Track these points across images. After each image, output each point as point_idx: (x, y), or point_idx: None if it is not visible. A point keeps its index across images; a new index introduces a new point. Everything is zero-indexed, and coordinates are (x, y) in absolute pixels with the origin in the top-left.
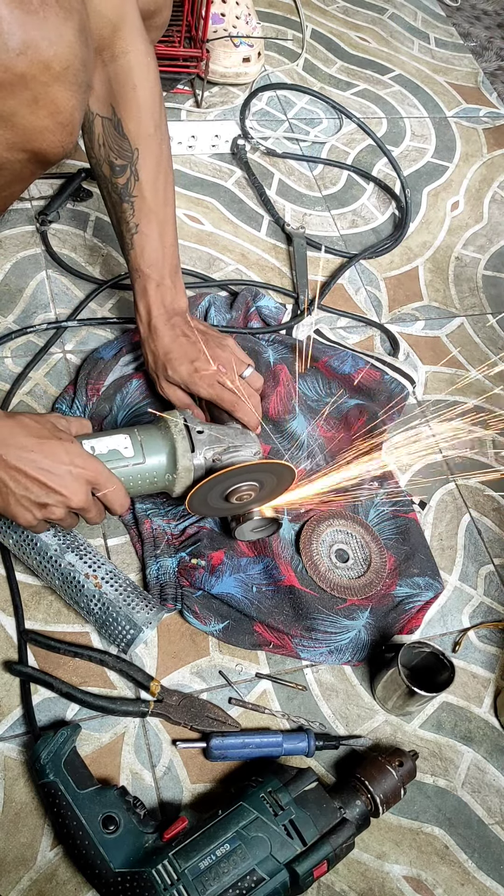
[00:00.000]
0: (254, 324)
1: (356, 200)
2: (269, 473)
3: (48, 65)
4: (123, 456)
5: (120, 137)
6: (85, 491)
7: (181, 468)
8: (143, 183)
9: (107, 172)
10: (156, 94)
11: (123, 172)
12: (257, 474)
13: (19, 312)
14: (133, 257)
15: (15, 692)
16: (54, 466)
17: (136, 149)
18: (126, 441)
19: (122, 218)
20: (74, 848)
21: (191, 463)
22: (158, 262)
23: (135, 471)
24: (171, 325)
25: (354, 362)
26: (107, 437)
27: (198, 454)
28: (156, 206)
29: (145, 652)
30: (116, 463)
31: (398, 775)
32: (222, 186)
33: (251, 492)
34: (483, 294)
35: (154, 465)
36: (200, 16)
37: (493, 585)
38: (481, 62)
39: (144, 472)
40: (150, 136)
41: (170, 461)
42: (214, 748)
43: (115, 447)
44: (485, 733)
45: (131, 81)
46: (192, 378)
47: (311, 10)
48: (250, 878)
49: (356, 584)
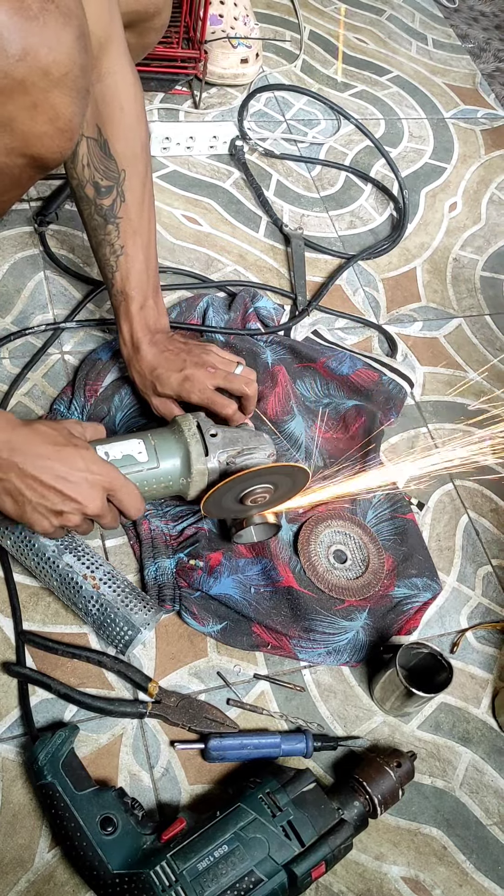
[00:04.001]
0: (252, 325)
1: (354, 201)
2: (284, 475)
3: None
4: (138, 461)
5: (107, 158)
6: (101, 497)
7: (195, 472)
8: (130, 204)
9: (90, 194)
10: (141, 115)
11: (109, 194)
12: (272, 476)
13: (17, 313)
14: (118, 280)
15: (13, 693)
16: (70, 474)
17: (123, 170)
18: (140, 446)
19: (105, 240)
20: (72, 849)
21: (205, 467)
22: (143, 283)
23: (149, 475)
24: (154, 342)
25: (353, 363)
26: (121, 443)
27: (212, 457)
28: (141, 228)
29: (143, 653)
30: (131, 468)
31: (396, 776)
32: (220, 187)
33: (266, 494)
34: (481, 295)
35: (168, 469)
36: (198, 17)
37: (491, 586)
38: (479, 63)
39: (159, 477)
40: (136, 157)
41: (184, 465)
42: (212, 749)
43: (130, 452)
44: (483, 734)
45: (118, 102)
46: (183, 386)
47: (308, 11)
48: (248, 879)
49: (354, 584)
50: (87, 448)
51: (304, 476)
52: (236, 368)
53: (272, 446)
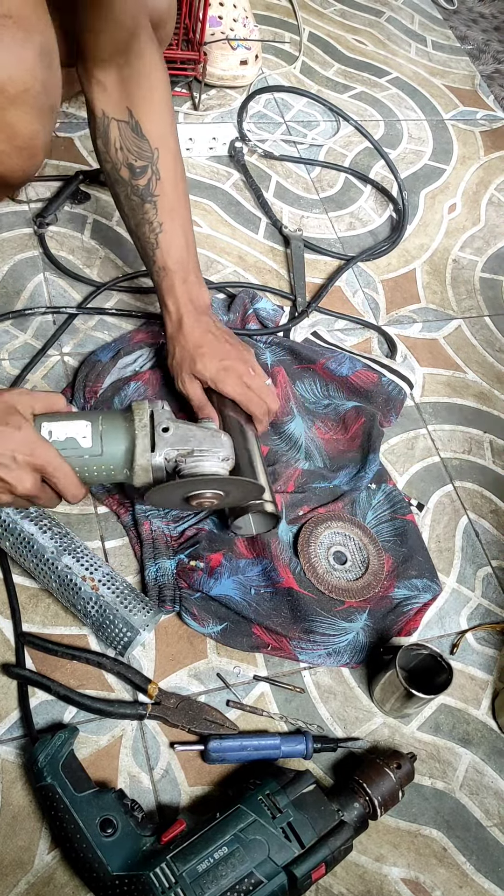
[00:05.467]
0: (251, 326)
1: (354, 203)
2: (233, 485)
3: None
4: (80, 445)
5: (139, 139)
6: (31, 479)
7: (138, 467)
8: (165, 182)
9: (126, 175)
10: (169, 96)
11: (144, 173)
12: (221, 485)
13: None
14: (159, 256)
15: (12, 695)
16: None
17: (156, 149)
18: (87, 429)
19: (144, 219)
20: (72, 851)
21: (148, 463)
22: (183, 258)
23: (90, 461)
24: (200, 321)
25: (352, 364)
26: (67, 422)
27: (157, 454)
28: (177, 204)
29: (143, 654)
30: (72, 452)
31: (396, 777)
32: (220, 189)
33: (214, 499)
34: (480, 296)
35: (111, 458)
36: (198, 18)
37: (491, 587)
38: (478, 65)
39: (101, 464)
40: (167, 135)
41: (127, 457)
42: (212, 751)
43: (74, 434)
44: (483, 735)
45: (148, 83)
46: (220, 375)
47: (308, 12)
48: (248, 881)
49: (354, 586)
50: (20, 428)
51: (255, 489)
52: (266, 381)
53: (229, 450)
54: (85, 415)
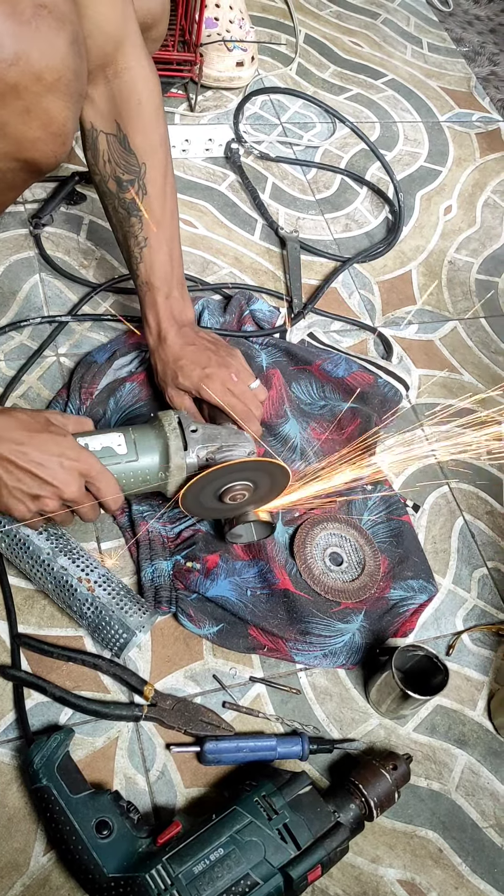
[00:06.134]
0: (247, 327)
1: (350, 204)
2: (264, 473)
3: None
4: (116, 453)
5: (127, 153)
6: (77, 483)
7: (173, 466)
8: (151, 197)
9: (113, 188)
10: (159, 109)
11: (131, 187)
12: (251, 473)
13: (12, 316)
14: (142, 271)
15: (8, 696)
16: (46, 458)
17: (143, 163)
18: (120, 439)
19: (129, 232)
20: (68, 853)
21: (183, 461)
22: (167, 274)
23: (128, 468)
24: (181, 334)
25: (348, 366)
26: (101, 435)
27: (190, 452)
28: (163, 219)
29: (139, 656)
30: (109, 460)
31: (392, 779)
32: (216, 190)
33: (245, 492)
34: (476, 298)
35: (147, 462)
36: (194, 20)
37: (487, 588)
38: (474, 67)
39: (137, 470)
40: (156, 151)
41: (162, 459)
42: (208, 752)
43: (109, 444)
44: (479, 736)
45: (136, 97)
46: (203, 382)
47: (304, 14)
48: (244, 883)
49: (350, 587)
50: (64, 435)
51: (283, 474)
52: (253, 383)
53: (252, 445)
54: (115, 428)
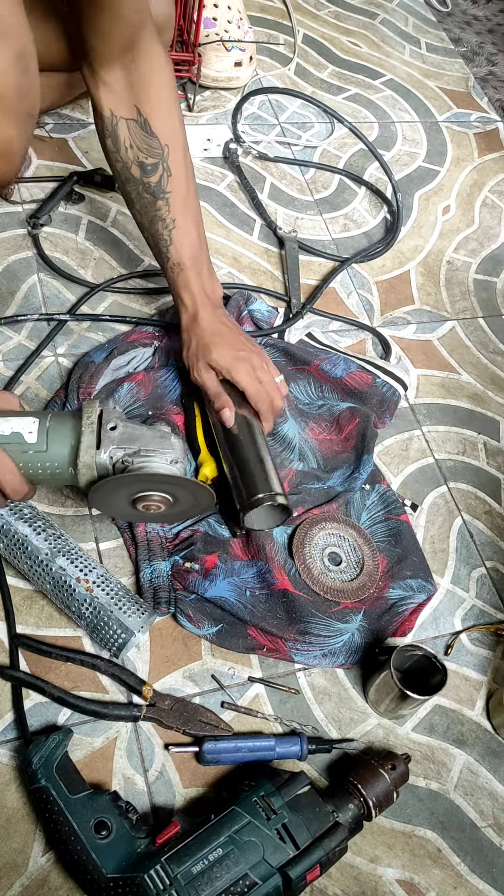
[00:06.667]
0: (246, 327)
1: (348, 204)
2: (184, 490)
3: None
4: (25, 441)
5: (149, 136)
6: None
7: (81, 464)
8: (176, 178)
9: (137, 174)
10: (175, 93)
11: (156, 170)
12: (170, 487)
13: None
14: (173, 252)
15: (6, 697)
16: None
17: (166, 145)
18: (34, 425)
19: (157, 216)
20: (66, 853)
21: (92, 460)
22: (197, 253)
23: (35, 458)
24: (215, 315)
25: (346, 366)
26: (14, 419)
27: (102, 452)
28: (189, 199)
29: (138, 656)
30: (16, 447)
31: (391, 779)
32: (214, 190)
33: (161, 504)
34: (474, 298)
35: (56, 454)
36: (192, 20)
37: (485, 588)
38: (472, 67)
39: (45, 461)
40: (176, 132)
41: (72, 454)
42: (207, 752)
43: (20, 430)
44: (477, 736)
45: (154, 81)
46: (235, 364)
47: (302, 14)
48: (243, 883)
49: (349, 587)
50: None
51: (206, 496)
52: (278, 377)
53: (179, 452)
54: (35, 413)
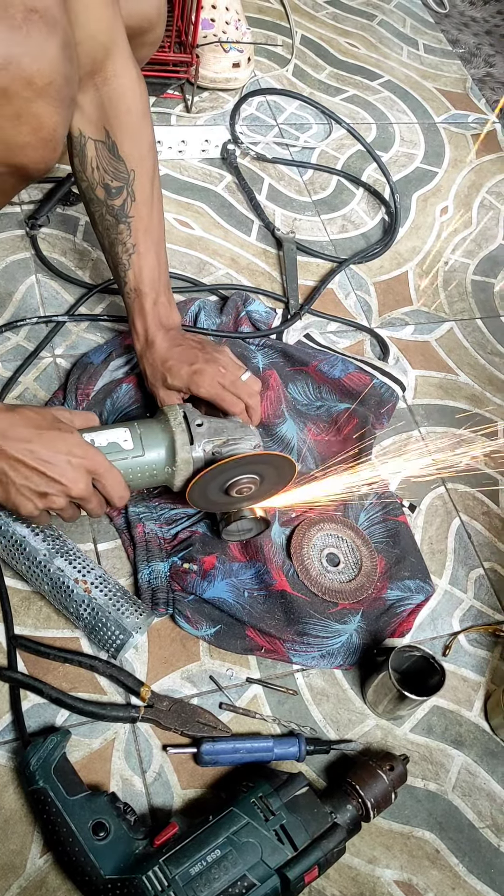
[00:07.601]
0: (244, 328)
1: (346, 205)
2: (270, 466)
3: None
4: (123, 448)
5: (115, 160)
6: (85, 480)
7: (180, 460)
8: (140, 203)
9: (101, 195)
10: (147, 115)
11: (120, 194)
12: (257, 466)
13: (8, 317)
14: (131, 278)
15: (4, 698)
16: (53, 456)
17: (132, 170)
18: (126, 434)
19: (117, 239)
20: (64, 854)
21: (189, 455)
22: (155, 280)
23: (134, 463)
24: (168, 337)
25: (344, 367)
26: (107, 431)
27: (196, 446)
28: (151, 226)
29: (136, 657)
30: (116, 455)
31: (389, 780)
32: (212, 191)
33: (251, 485)
34: (472, 299)
35: (153, 457)
36: (190, 21)
37: (483, 589)
38: (470, 68)
39: (143, 465)
40: (144, 157)
41: (169, 453)
42: (205, 753)
43: (115, 440)
44: (475, 737)
45: (125, 104)
46: (193, 379)
47: (300, 15)
48: (241, 884)
49: (347, 587)
50: (71, 432)
51: (289, 467)
52: (243, 374)
53: (258, 438)
54: (121, 424)
